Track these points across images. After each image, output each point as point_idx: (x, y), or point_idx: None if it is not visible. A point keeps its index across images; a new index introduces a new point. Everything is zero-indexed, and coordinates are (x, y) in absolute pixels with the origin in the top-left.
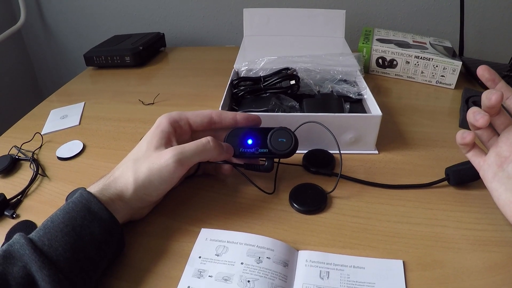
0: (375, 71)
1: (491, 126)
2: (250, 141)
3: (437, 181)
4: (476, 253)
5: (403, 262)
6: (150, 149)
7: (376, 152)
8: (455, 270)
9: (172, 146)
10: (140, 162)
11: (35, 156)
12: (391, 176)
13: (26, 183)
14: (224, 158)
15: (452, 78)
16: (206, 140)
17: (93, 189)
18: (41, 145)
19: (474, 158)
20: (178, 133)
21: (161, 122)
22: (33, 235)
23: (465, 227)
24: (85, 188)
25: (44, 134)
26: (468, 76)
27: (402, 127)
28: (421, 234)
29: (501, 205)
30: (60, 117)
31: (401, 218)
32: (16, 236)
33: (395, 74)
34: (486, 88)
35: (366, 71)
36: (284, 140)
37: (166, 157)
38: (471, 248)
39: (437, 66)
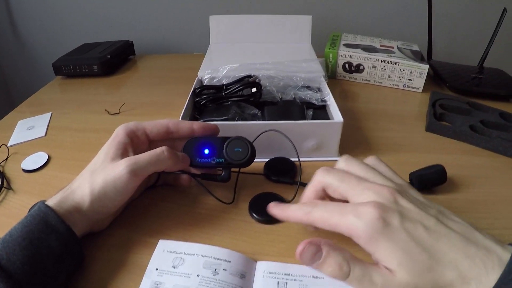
0: (342, 76)
1: None
2: (206, 151)
3: None
4: None
5: None
6: (106, 161)
7: (339, 158)
8: None
9: (128, 156)
10: (96, 174)
11: (0, 169)
12: None
13: None
14: (180, 168)
15: (419, 82)
16: (160, 150)
17: (51, 202)
18: (7, 157)
19: None
20: (135, 143)
21: (118, 133)
22: None
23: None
24: (43, 201)
25: (11, 146)
26: (436, 79)
27: (367, 132)
28: None
29: None
30: (27, 128)
31: None
32: None
33: (362, 79)
34: (455, 91)
35: (333, 77)
36: (241, 150)
37: (120, 168)
38: None
39: (403, 70)
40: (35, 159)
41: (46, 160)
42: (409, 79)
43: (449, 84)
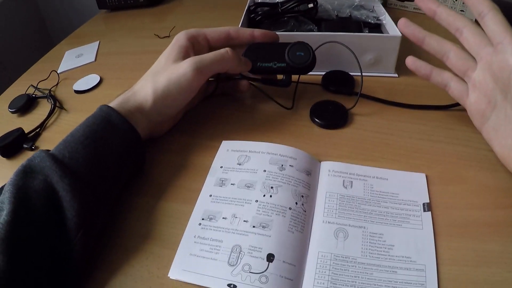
0: (393, 4)
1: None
2: (267, 55)
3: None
4: (498, 173)
5: (426, 176)
6: (168, 62)
7: (396, 75)
8: (478, 187)
9: None
10: (159, 74)
11: (52, 93)
12: (411, 97)
13: (44, 118)
14: (241, 70)
15: (471, 14)
16: (224, 50)
17: (113, 103)
18: (58, 83)
19: (458, 99)
20: (196, 48)
21: (179, 38)
22: (53, 149)
23: (487, 148)
24: (104, 104)
25: (60, 73)
26: None
27: (423, 53)
28: (443, 151)
29: (499, 156)
30: (75, 56)
31: (423, 135)
32: (37, 152)
33: (414, 8)
34: None
35: (385, 4)
36: (302, 54)
37: (184, 66)
38: (493, 168)
39: (456, 0)
40: (87, 81)
41: (98, 81)
42: (462, 10)
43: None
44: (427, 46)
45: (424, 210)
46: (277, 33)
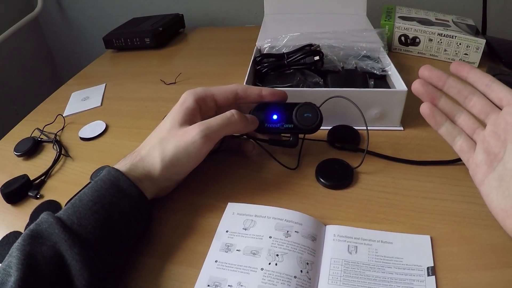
0: (398, 49)
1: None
2: (275, 116)
3: None
4: (503, 230)
5: (431, 237)
6: (175, 127)
7: (401, 128)
8: (483, 246)
9: (196, 123)
10: (166, 141)
11: (57, 138)
12: (417, 152)
13: (49, 164)
14: (249, 130)
15: (475, 56)
16: (230, 113)
17: (120, 167)
18: (63, 127)
19: (463, 154)
20: (204, 110)
21: (186, 99)
22: (61, 213)
23: None
24: (111, 167)
25: (66, 116)
26: (491, 55)
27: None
28: (448, 210)
29: (494, 212)
30: (81, 99)
31: (428, 194)
32: (44, 215)
33: (418, 52)
34: (510, 68)
35: (389, 49)
36: (310, 115)
37: (192, 134)
38: (498, 224)
39: (460, 43)
40: (93, 128)
41: (104, 128)
42: (465, 54)
43: (505, 60)
44: (439, 105)
45: (428, 275)
46: (284, 88)
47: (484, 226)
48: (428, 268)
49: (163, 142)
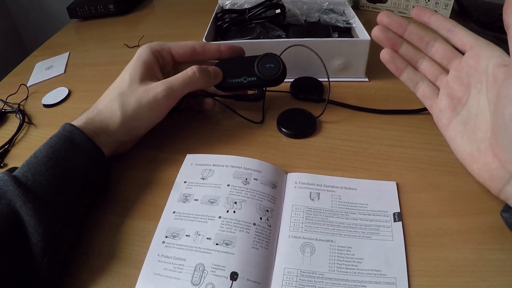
0: (365, 6)
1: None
2: (237, 71)
3: None
4: (472, 178)
5: (397, 184)
6: (135, 82)
7: (367, 80)
8: (451, 193)
9: (156, 77)
10: (127, 96)
11: (21, 107)
12: (382, 102)
13: (13, 133)
14: (214, 83)
15: (444, 13)
16: (191, 69)
17: (76, 122)
18: (27, 96)
19: (426, 100)
20: (161, 63)
21: (142, 53)
22: (17, 172)
23: None
24: (68, 123)
25: (30, 86)
26: (461, 13)
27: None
28: (415, 158)
29: (460, 157)
30: (45, 68)
31: (394, 141)
32: (0, 174)
33: (386, 9)
34: (480, 26)
35: (356, 7)
36: (272, 66)
37: (155, 91)
38: (467, 172)
39: (429, 0)
40: (55, 94)
41: (66, 94)
42: (434, 11)
43: (475, 18)
44: (400, 52)
45: (395, 220)
46: (244, 40)
47: (453, 173)
48: (394, 214)
49: (123, 96)
